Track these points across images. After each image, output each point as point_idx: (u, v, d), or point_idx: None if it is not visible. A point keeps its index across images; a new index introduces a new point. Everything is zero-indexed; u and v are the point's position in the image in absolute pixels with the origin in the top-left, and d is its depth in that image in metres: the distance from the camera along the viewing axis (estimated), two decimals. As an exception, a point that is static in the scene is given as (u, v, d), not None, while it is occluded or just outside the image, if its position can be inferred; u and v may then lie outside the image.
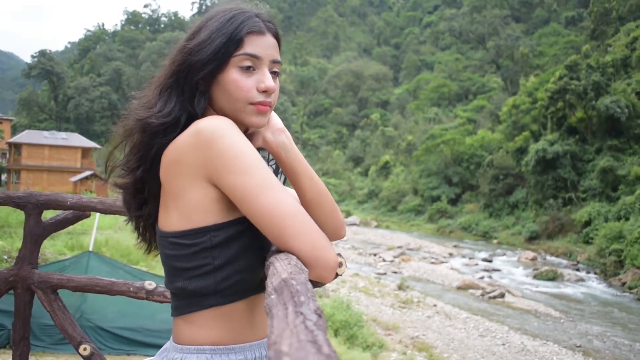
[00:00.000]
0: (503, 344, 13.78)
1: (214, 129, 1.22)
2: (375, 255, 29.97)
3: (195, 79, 1.31)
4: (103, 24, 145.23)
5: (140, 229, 1.48)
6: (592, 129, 39.44)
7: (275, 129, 1.40)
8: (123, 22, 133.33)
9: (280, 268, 1.05)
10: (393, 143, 69.97)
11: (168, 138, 1.29)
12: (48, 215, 3.26)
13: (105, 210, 2.95)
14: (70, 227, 15.72)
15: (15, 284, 2.98)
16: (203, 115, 1.32)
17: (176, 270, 1.30)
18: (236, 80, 1.30)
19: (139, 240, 1.52)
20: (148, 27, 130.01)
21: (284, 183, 1.51)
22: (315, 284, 1.25)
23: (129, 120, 1.37)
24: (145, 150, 1.32)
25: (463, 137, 54.83)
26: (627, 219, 30.11)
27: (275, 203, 1.19)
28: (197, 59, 1.29)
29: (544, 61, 68.20)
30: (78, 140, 52.84)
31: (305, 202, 1.35)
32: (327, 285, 16.94)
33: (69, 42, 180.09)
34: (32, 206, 2.96)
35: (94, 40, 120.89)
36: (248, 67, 1.31)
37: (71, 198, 2.98)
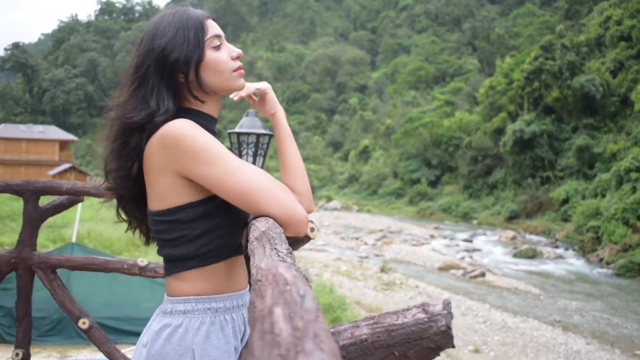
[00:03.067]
0: (484, 322, 14.01)
1: (176, 132, 1.44)
2: (357, 239, 30.14)
3: (182, 72, 1.54)
4: (76, 15, 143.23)
5: (141, 228, 1.75)
6: (567, 108, 39.84)
7: (279, 107, 1.81)
8: (97, 12, 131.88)
9: (259, 225, 1.32)
10: (372, 127, 70.07)
11: (155, 130, 1.50)
12: (44, 201, 3.42)
13: (99, 195, 3.07)
14: (52, 220, 15.71)
15: (17, 265, 3.16)
16: (194, 98, 1.58)
17: (163, 240, 1.57)
18: (217, 58, 1.57)
19: (140, 236, 1.78)
20: (122, 17, 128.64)
21: (262, 165, 1.73)
22: (296, 244, 1.49)
23: (115, 129, 1.58)
24: (134, 147, 1.54)
25: (441, 120, 55.10)
26: (603, 196, 30.56)
27: (242, 182, 1.43)
28: (178, 55, 1.52)
29: (520, 42, 68.60)
30: (55, 133, 52.28)
31: (286, 165, 1.75)
32: (310, 270, 16.99)
33: (43, 34, 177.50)
34: (29, 193, 3.13)
35: (68, 31, 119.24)
36: (218, 46, 1.59)
37: (66, 184, 3.16)
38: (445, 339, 0.80)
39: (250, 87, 1.78)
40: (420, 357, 0.78)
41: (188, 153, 1.43)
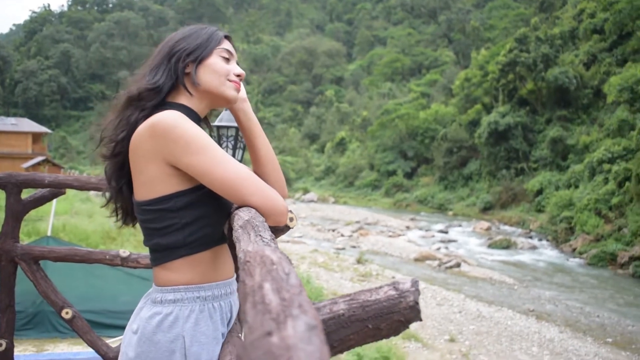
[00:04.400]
0: (460, 312, 14.16)
1: (167, 122, 1.52)
2: (333, 230, 30.23)
3: (182, 60, 1.67)
4: (49, 5, 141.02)
5: (117, 204, 1.79)
6: (542, 100, 40.26)
7: (241, 98, 1.81)
8: (70, 3, 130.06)
9: (243, 214, 1.41)
10: (348, 119, 70.19)
11: (149, 104, 1.63)
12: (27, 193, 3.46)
13: (81, 187, 3.17)
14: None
15: (0, 257, 3.20)
16: (187, 90, 1.69)
17: (151, 230, 1.62)
18: (219, 63, 1.70)
19: (114, 214, 1.82)
20: (96, 8, 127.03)
21: (241, 159, 1.79)
22: (276, 233, 1.58)
23: (121, 98, 1.70)
24: (127, 119, 1.64)
25: (417, 112, 55.34)
26: (576, 187, 30.97)
27: (228, 172, 1.52)
28: (183, 46, 1.68)
29: (495, 34, 69.08)
30: (28, 125, 51.47)
31: (259, 159, 1.81)
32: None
33: (14, 24, 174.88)
34: (12, 185, 3.17)
35: (40, 21, 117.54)
36: (226, 58, 1.72)
37: (48, 177, 3.19)
38: (413, 312, 0.89)
39: None
40: (391, 329, 0.88)
41: (179, 142, 1.50)
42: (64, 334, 7.62)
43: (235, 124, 4.12)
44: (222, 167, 1.52)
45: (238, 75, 1.74)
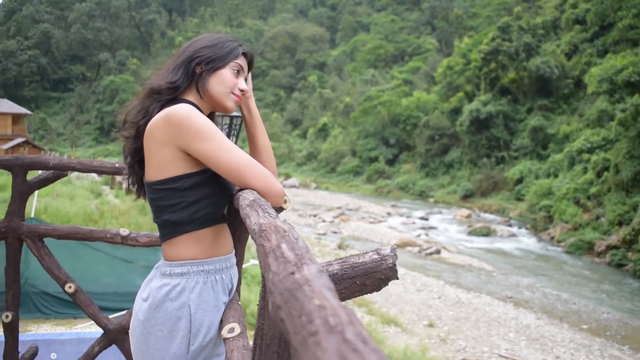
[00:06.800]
0: (439, 297, 14.34)
1: (181, 113, 1.75)
2: (315, 216, 30.33)
3: (201, 66, 1.90)
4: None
5: (133, 178, 2.01)
6: (523, 89, 40.55)
7: (248, 95, 2.04)
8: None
9: (247, 195, 1.62)
10: (331, 105, 70.14)
11: (164, 98, 1.86)
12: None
13: (84, 170, 3.34)
14: (7, 196, 15.44)
15: (7, 235, 3.38)
16: (197, 91, 1.92)
17: (161, 207, 1.84)
18: (229, 76, 1.93)
19: (132, 188, 2.07)
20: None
21: (235, 142, 1.96)
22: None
23: (145, 87, 1.92)
24: (147, 108, 1.87)
25: (399, 99, 55.40)
26: (556, 176, 31.33)
27: (233, 158, 1.75)
28: (206, 54, 1.91)
29: (478, 22, 69.28)
30: (7, 106, 50.89)
31: (257, 147, 2.06)
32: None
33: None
34: (18, 167, 3.34)
35: (20, 1, 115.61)
36: (236, 72, 1.95)
37: (53, 160, 3.37)
38: (391, 272, 1.10)
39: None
40: (374, 285, 1.09)
41: (190, 131, 1.73)
42: (47, 315, 7.64)
43: (231, 114, 4.38)
44: (227, 154, 1.74)
45: (242, 90, 1.97)
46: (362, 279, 1.08)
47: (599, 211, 24.73)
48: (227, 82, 1.92)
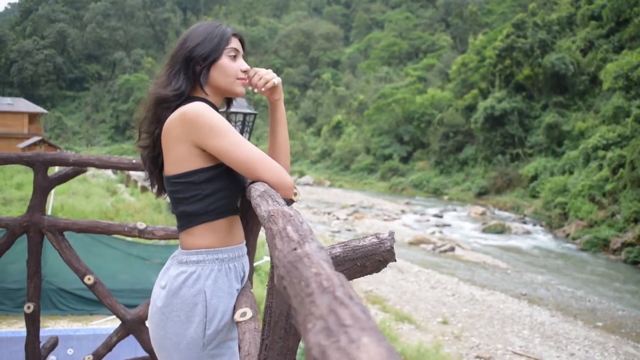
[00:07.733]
0: (453, 295, 14.34)
1: (195, 111, 1.84)
2: (329, 214, 30.38)
3: (199, 65, 1.95)
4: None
5: (153, 179, 2.11)
6: (538, 86, 40.31)
7: (277, 96, 2.11)
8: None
9: (258, 187, 1.69)
10: (345, 103, 70.10)
11: (174, 105, 1.92)
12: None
13: (102, 166, 3.46)
14: (23, 194, 15.60)
15: (28, 229, 3.50)
16: (201, 88, 1.98)
17: (178, 199, 1.94)
18: (228, 64, 1.99)
19: (153, 191, 2.17)
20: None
21: (249, 138, 2.01)
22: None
23: (149, 100, 1.99)
24: (158, 118, 1.95)
25: (413, 96, 55.31)
26: (571, 173, 31.13)
27: (245, 153, 1.84)
28: (200, 52, 1.95)
29: (492, 19, 68.94)
30: (24, 105, 51.19)
31: (275, 143, 2.14)
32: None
33: (9, 3, 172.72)
34: (39, 164, 3.46)
35: (36, 1, 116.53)
36: (233, 56, 2.00)
37: (72, 156, 3.48)
38: (389, 254, 1.16)
39: (275, 80, 2.11)
40: (374, 267, 1.16)
41: (205, 127, 1.82)
42: (64, 311, 7.73)
43: (243, 110, 4.76)
44: (240, 149, 1.83)
45: (245, 71, 2.02)
46: (362, 260, 1.15)
47: (614, 208, 24.58)
48: (228, 70, 1.98)
